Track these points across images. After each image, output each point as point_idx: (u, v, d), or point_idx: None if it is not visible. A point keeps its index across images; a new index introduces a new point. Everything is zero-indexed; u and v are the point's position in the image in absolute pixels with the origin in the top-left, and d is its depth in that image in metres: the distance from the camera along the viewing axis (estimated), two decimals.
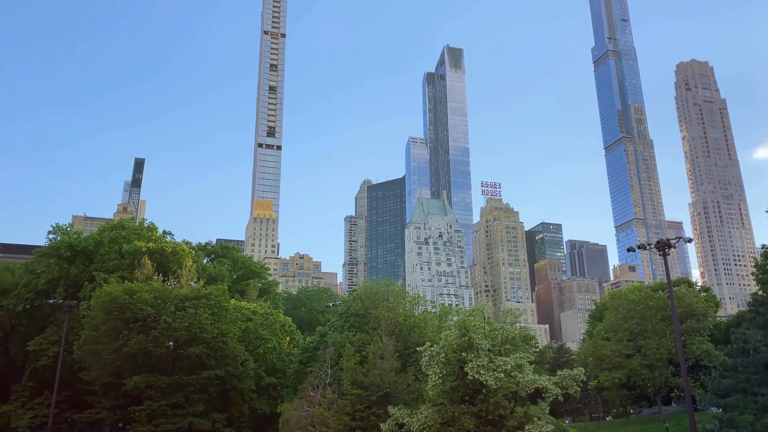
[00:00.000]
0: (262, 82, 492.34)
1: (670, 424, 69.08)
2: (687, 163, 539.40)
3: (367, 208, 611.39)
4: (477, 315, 49.22)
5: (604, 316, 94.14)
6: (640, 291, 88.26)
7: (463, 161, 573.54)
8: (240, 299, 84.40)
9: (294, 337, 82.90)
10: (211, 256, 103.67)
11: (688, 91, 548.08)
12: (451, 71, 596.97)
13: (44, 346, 72.50)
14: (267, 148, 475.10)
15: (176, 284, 76.15)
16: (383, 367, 52.94)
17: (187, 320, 62.98)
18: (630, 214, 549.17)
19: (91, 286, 73.88)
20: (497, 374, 42.37)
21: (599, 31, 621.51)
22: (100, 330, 63.66)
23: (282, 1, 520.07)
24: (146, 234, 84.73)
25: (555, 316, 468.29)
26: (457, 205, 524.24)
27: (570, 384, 44.79)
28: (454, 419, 43.06)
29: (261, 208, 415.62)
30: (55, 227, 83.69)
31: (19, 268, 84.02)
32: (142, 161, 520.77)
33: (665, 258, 47.13)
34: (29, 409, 70.92)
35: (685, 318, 79.01)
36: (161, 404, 62.09)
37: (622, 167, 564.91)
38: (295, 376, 69.08)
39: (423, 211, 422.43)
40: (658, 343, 77.77)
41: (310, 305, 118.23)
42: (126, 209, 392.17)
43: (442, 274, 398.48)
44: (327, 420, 52.12)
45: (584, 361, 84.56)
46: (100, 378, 66.38)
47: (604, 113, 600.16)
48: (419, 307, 73.48)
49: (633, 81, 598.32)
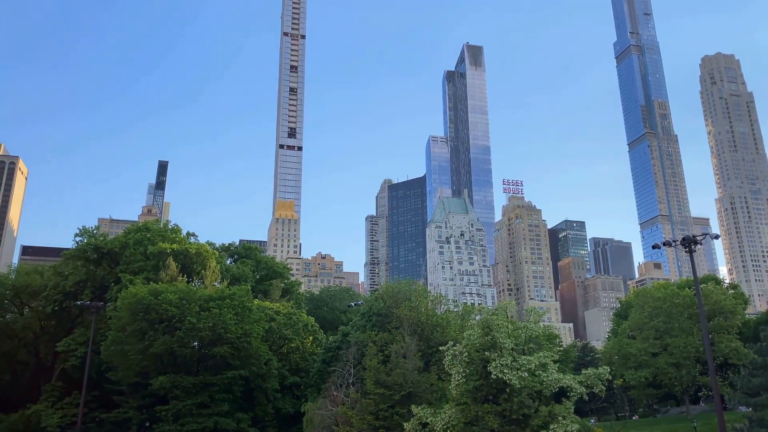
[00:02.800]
0: (283, 84, 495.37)
1: (698, 424, 67.95)
2: (713, 158, 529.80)
3: (387, 207, 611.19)
4: (500, 314, 48.86)
5: (629, 315, 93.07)
6: (666, 289, 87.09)
7: (484, 159, 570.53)
8: (263, 299, 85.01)
9: (317, 337, 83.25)
10: (234, 256, 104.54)
11: (713, 85, 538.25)
12: (472, 69, 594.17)
13: (72, 346, 73.82)
14: (288, 149, 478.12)
15: (200, 285, 77.09)
16: (406, 366, 52.92)
17: (211, 320, 63.64)
18: (655, 210, 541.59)
19: (117, 287, 75.03)
20: (521, 373, 42.07)
21: (621, 25, 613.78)
22: (127, 331, 64.61)
23: (301, 3, 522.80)
24: (170, 236, 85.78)
25: (579, 314, 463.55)
26: (479, 204, 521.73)
27: (595, 383, 44.29)
28: (478, 419, 42.84)
29: (283, 209, 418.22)
30: (82, 230, 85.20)
31: (48, 270, 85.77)
32: (166, 164, 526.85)
33: (691, 255, 46.33)
34: (59, 408, 72.20)
35: (713, 316, 77.75)
36: (187, 404, 62.85)
37: (646, 163, 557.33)
38: (318, 376, 69.36)
39: (444, 210, 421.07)
40: (686, 342, 76.67)
41: (333, 305, 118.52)
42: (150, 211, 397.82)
43: (464, 273, 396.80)
44: (351, 419, 52.25)
45: (609, 360, 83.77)
46: (127, 378, 67.40)
47: (627, 109, 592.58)
48: (441, 307, 73.32)
49: (656, 76, 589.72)
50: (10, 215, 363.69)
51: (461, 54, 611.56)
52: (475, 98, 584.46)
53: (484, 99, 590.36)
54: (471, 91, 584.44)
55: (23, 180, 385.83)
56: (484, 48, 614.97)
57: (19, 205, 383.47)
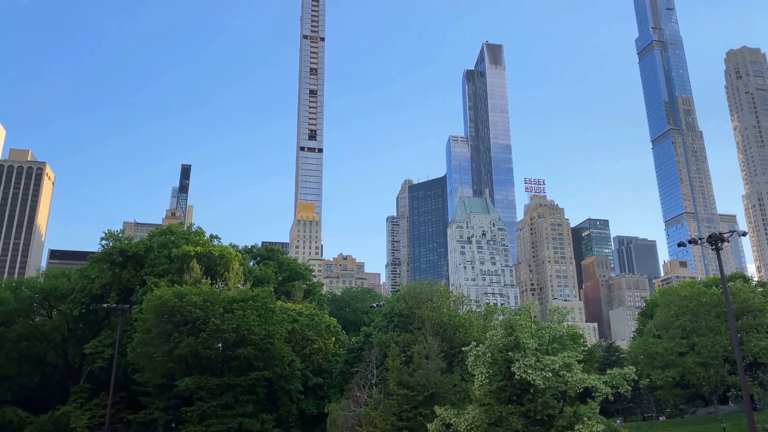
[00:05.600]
0: (303, 86, 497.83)
1: (728, 425, 66.72)
2: (739, 153, 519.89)
3: (408, 208, 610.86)
4: (523, 314, 48.56)
5: (654, 314, 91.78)
6: (693, 287, 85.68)
7: (505, 158, 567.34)
8: (286, 301, 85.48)
9: (339, 338, 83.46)
10: (257, 258, 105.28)
11: (739, 80, 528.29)
12: (491, 67, 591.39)
13: (99, 348, 75.02)
14: (309, 151, 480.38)
15: (224, 287, 77.69)
16: (429, 367, 52.84)
17: (235, 322, 64.14)
18: (680, 207, 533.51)
19: (142, 290, 76.04)
20: (545, 373, 41.75)
21: (643, 21, 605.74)
22: (152, 333, 65.37)
23: (320, 6, 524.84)
24: (194, 238, 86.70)
25: (603, 313, 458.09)
26: (500, 203, 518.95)
27: (620, 383, 43.79)
28: (502, 419, 42.62)
29: (304, 211, 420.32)
30: (108, 233, 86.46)
31: (75, 273, 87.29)
32: (189, 168, 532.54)
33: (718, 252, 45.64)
34: (87, 409, 73.44)
35: (741, 314, 76.33)
36: (212, 405, 63.43)
37: (671, 160, 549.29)
38: (341, 377, 69.53)
39: (465, 210, 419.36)
40: (713, 341, 75.37)
41: (354, 306, 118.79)
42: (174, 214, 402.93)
43: (486, 273, 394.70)
44: (374, 420, 52.29)
45: (635, 360, 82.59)
46: (153, 379, 68.21)
47: (650, 105, 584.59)
48: (464, 307, 73.01)
49: (680, 71, 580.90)
50: (38, 220, 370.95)
51: (480, 53, 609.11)
52: (495, 97, 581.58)
53: (505, 97, 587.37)
54: (491, 90, 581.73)
55: (50, 185, 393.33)
56: (504, 46, 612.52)
57: (47, 210, 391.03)
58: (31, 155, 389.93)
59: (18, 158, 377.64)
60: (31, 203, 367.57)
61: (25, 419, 75.04)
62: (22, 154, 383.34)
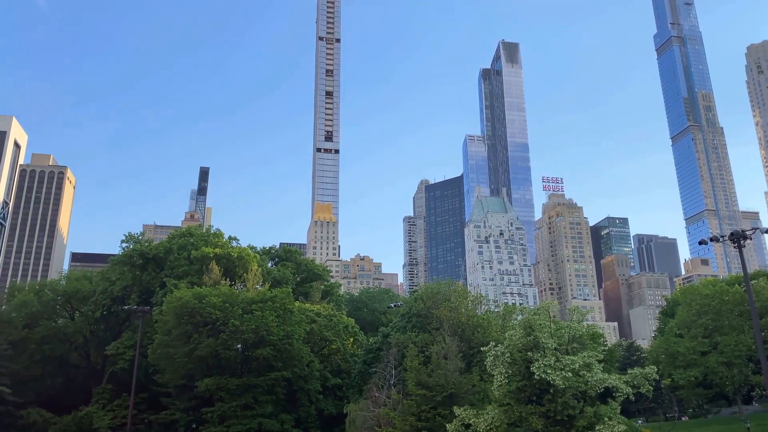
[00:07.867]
0: (319, 88, 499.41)
1: (752, 425, 65.75)
2: (761, 149, 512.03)
3: (425, 208, 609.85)
4: (542, 314, 48.24)
5: (676, 312, 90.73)
6: (715, 285, 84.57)
7: (522, 157, 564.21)
8: (304, 301, 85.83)
9: (357, 338, 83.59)
10: (275, 259, 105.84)
11: (760, 74, 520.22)
12: (508, 66, 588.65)
13: (121, 350, 75.91)
14: (325, 152, 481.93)
15: (243, 288, 78.23)
16: (447, 367, 52.73)
17: (254, 323, 64.55)
18: (701, 205, 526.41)
19: (162, 291, 76.83)
20: (565, 373, 41.45)
21: (661, 16, 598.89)
22: (172, 334, 66.01)
23: (336, 7, 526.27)
24: (213, 240, 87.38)
25: (624, 313, 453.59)
26: (518, 202, 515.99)
27: (642, 383, 43.37)
28: (522, 419, 42.39)
29: (321, 212, 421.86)
30: (128, 236, 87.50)
31: (96, 276, 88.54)
32: (207, 170, 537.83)
33: (741, 250, 44.95)
34: (109, 410, 74.33)
35: (765, 313, 75.17)
36: (232, 405, 63.89)
37: (691, 157, 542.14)
38: (359, 377, 69.62)
39: (482, 210, 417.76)
40: (737, 340, 74.37)
41: (372, 306, 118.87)
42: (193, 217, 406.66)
43: (504, 272, 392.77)
44: (393, 420, 52.30)
45: (656, 359, 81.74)
46: (174, 380, 68.87)
47: (670, 101, 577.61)
48: (482, 307, 72.80)
49: (699, 67, 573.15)
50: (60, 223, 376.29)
51: (497, 51, 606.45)
52: (511, 95, 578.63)
53: (521, 96, 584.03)
54: (507, 89, 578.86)
55: (71, 189, 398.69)
56: (520, 44, 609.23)
57: (68, 214, 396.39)
58: (53, 160, 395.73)
59: (40, 163, 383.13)
60: (53, 207, 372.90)
61: (48, 420, 76.10)
62: (44, 159, 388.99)
